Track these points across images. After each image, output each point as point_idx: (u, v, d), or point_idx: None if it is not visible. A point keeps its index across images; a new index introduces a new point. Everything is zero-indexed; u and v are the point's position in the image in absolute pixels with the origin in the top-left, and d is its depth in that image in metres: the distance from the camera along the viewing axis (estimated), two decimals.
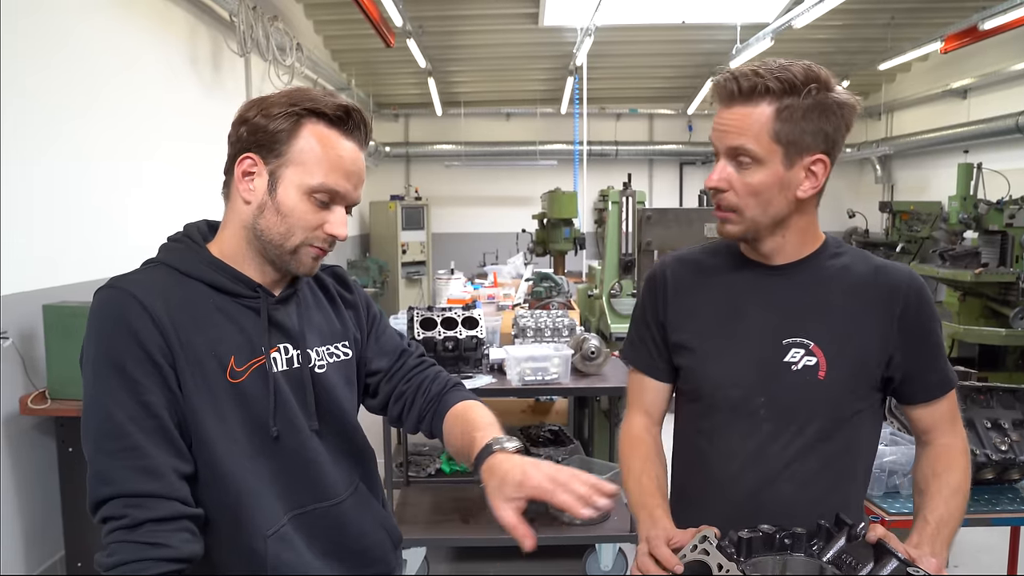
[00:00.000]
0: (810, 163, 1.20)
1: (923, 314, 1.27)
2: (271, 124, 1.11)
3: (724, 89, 1.20)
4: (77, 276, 3.27)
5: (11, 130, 2.89)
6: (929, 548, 1.17)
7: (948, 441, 1.32)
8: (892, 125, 9.34)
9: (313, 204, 1.12)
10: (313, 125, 1.12)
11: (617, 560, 3.17)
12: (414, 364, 1.38)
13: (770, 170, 1.19)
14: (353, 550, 1.24)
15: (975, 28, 6.01)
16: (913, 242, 7.73)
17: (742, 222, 1.24)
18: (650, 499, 1.30)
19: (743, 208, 1.22)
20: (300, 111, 1.11)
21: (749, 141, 1.18)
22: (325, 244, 1.16)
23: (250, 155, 1.13)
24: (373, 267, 9.10)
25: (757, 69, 1.17)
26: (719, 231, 1.29)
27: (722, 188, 1.23)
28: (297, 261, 1.15)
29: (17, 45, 2.94)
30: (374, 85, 9.53)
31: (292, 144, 1.11)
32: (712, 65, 8.68)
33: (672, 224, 3.13)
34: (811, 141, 1.18)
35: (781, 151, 1.18)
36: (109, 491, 1.00)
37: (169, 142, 4.24)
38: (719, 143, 1.23)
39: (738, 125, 1.18)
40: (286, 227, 1.12)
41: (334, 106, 1.12)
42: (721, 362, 1.31)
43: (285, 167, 1.11)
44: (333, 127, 1.13)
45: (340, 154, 1.12)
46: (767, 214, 1.23)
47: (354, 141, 1.15)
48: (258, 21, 4.90)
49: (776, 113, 1.16)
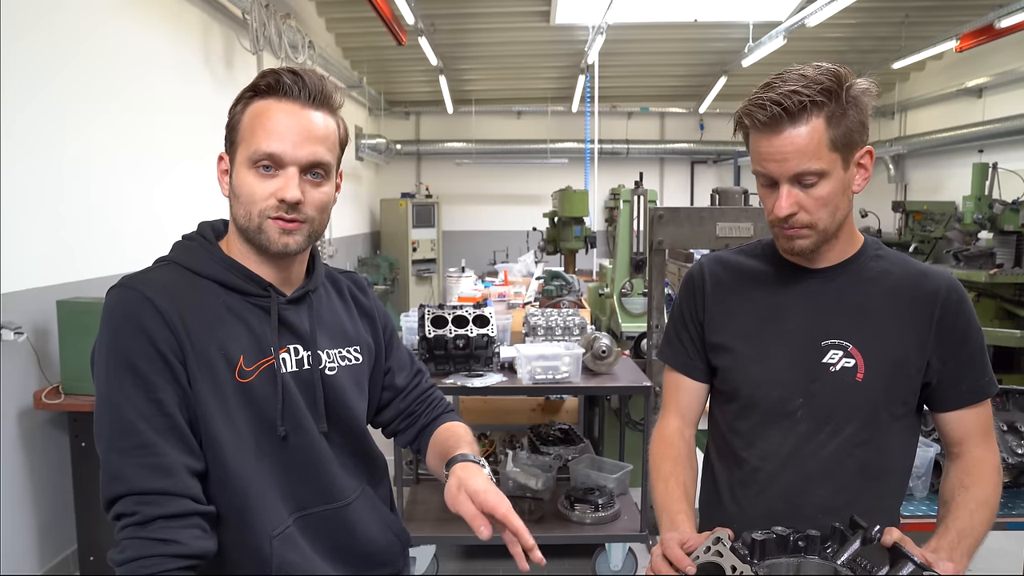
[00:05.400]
0: (859, 157, 1.21)
1: (961, 320, 1.26)
2: (230, 119, 1.15)
3: (768, 116, 1.15)
4: (91, 272, 3.29)
5: (27, 127, 2.91)
6: (947, 555, 1.14)
7: (980, 455, 1.29)
8: (906, 124, 9.26)
9: (259, 175, 1.11)
10: (255, 103, 1.13)
11: (627, 560, 3.16)
12: (428, 387, 1.43)
13: (835, 178, 1.19)
14: (360, 552, 1.24)
15: (991, 26, 5.96)
16: (926, 242, 7.67)
17: (815, 235, 1.23)
18: (675, 503, 1.29)
19: (816, 222, 1.22)
20: (247, 95, 1.14)
21: (813, 162, 1.16)
22: (282, 212, 1.11)
23: (222, 154, 1.17)
24: (383, 264, 9.12)
25: (795, 88, 1.14)
26: (787, 249, 1.28)
27: (795, 212, 1.21)
28: (266, 238, 1.13)
29: (37, 44, 2.97)
30: (386, 83, 9.55)
31: (239, 128, 1.14)
32: (724, 64, 8.64)
33: (684, 223, 3.10)
34: (858, 137, 1.19)
35: (840, 157, 1.18)
36: (121, 488, 1.01)
37: (183, 139, 4.27)
38: (780, 171, 1.19)
39: (797, 149, 1.16)
40: (243, 207, 1.12)
41: (267, 74, 1.14)
42: (760, 363, 1.31)
43: (236, 151, 1.14)
44: (268, 97, 1.13)
45: (271, 117, 1.11)
46: (835, 220, 1.23)
47: (292, 101, 1.12)
48: (271, 19, 4.92)
49: (827, 123, 1.15)
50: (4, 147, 2.77)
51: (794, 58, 1.25)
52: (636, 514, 3.12)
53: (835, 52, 8.10)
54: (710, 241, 3.07)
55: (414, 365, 1.43)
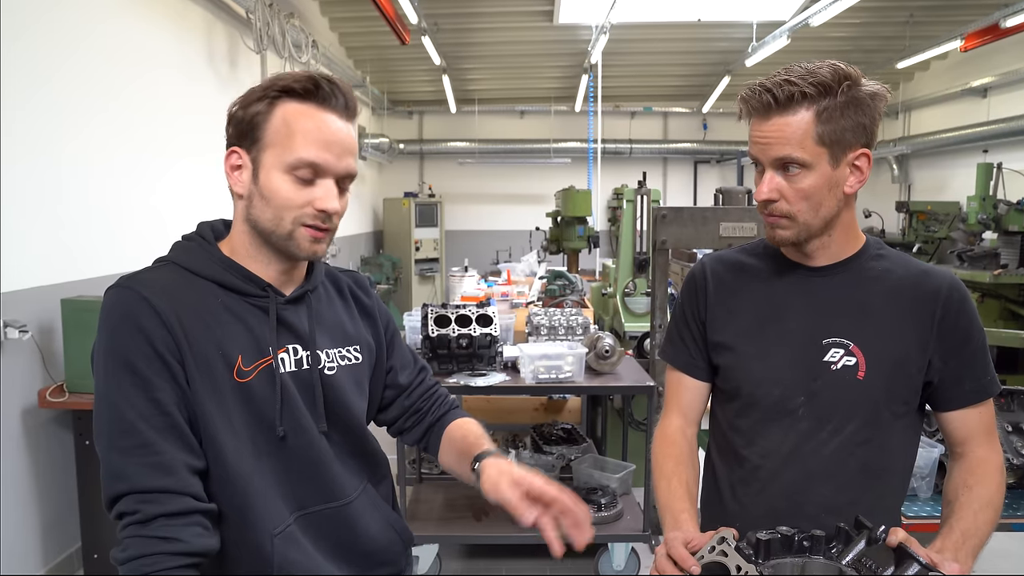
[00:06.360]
0: (854, 158, 1.22)
1: (963, 319, 1.26)
2: (247, 113, 1.11)
3: (759, 102, 1.19)
4: (95, 270, 3.30)
5: (30, 126, 2.92)
6: (952, 555, 1.14)
7: (983, 454, 1.29)
8: (910, 124, 9.25)
9: (296, 182, 1.10)
10: (285, 104, 1.10)
11: (629, 560, 3.16)
12: (432, 384, 1.43)
13: (819, 172, 1.20)
14: (362, 551, 1.24)
15: (996, 26, 5.94)
16: (930, 243, 7.65)
17: (794, 227, 1.25)
18: (677, 502, 1.30)
19: (796, 213, 1.23)
20: (273, 93, 1.10)
21: (795, 150, 1.18)
22: (318, 221, 1.12)
23: (235, 149, 1.13)
24: (386, 264, 9.13)
25: (789, 77, 1.16)
26: (770, 237, 1.30)
27: (773, 199, 1.23)
28: (296, 245, 1.13)
29: (38, 41, 2.97)
30: (389, 82, 9.55)
31: (267, 127, 1.10)
32: (728, 63, 8.63)
33: (687, 223, 3.10)
34: (852, 137, 1.19)
35: (826, 152, 1.19)
36: (122, 487, 1.01)
37: (186, 137, 4.27)
38: (763, 156, 1.22)
39: (781, 135, 1.18)
40: (272, 211, 1.11)
41: (303, 79, 1.11)
42: (761, 361, 1.32)
43: (263, 151, 1.11)
44: (305, 101, 1.11)
45: (314, 125, 1.10)
46: (819, 216, 1.24)
47: (330, 110, 1.12)
48: (274, 18, 4.93)
49: (816, 116, 1.17)
50: (6, 145, 2.77)
51: (798, 58, 1.26)
52: (639, 514, 3.12)
53: (839, 52, 8.08)
54: (713, 241, 3.07)
55: (417, 363, 1.43)
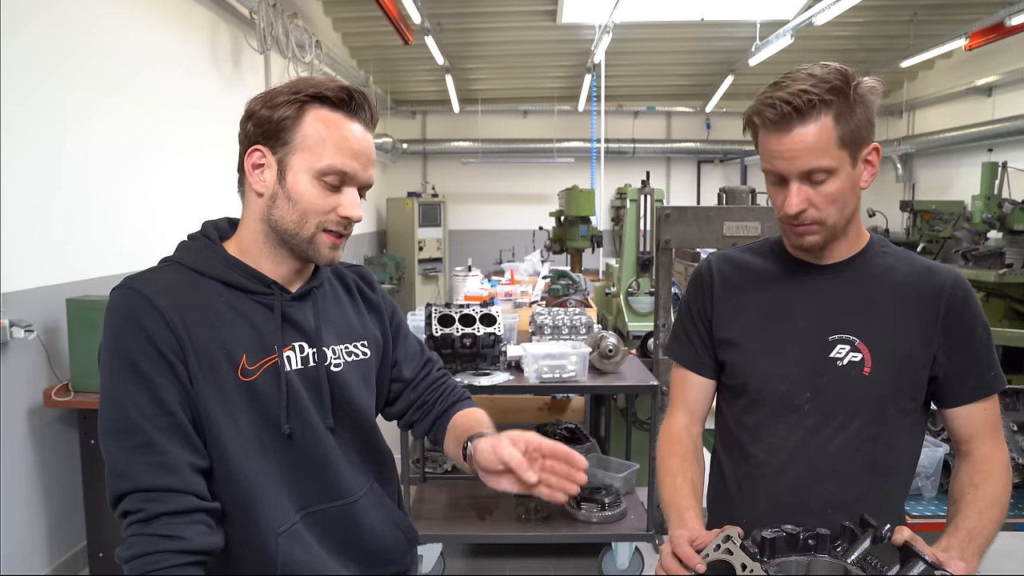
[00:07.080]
0: (867, 154, 1.23)
1: (967, 315, 1.27)
2: (275, 114, 1.12)
3: (777, 115, 1.18)
4: (100, 270, 3.31)
5: (34, 125, 2.93)
6: (958, 554, 1.14)
7: (989, 452, 1.29)
8: (914, 123, 9.22)
9: (323, 188, 1.12)
10: (316, 110, 1.12)
11: (633, 559, 3.16)
12: (439, 375, 1.42)
13: (843, 175, 1.21)
14: (367, 549, 1.24)
15: (1001, 24, 5.93)
16: (934, 242, 7.63)
17: (824, 231, 1.25)
18: (683, 500, 1.30)
19: (826, 219, 1.23)
20: (303, 98, 1.12)
21: (822, 158, 1.18)
22: (340, 227, 1.15)
23: (258, 147, 1.14)
24: (390, 263, 9.14)
25: (804, 87, 1.16)
26: (797, 245, 1.30)
27: (804, 209, 1.23)
28: (315, 249, 1.15)
29: (39, 38, 2.98)
30: (392, 82, 9.56)
31: (297, 131, 1.12)
32: (731, 63, 8.62)
33: (691, 222, 3.10)
34: (865, 134, 1.21)
35: (848, 154, 1.20)
36: (126, 486, 1.02)
37: (190, 137, 4.28)
38: (790, 169, 1.21)
39: (807, 147, 1.18)
40: (298, 214, 1.13)
41: (336, 88, 1.13)
42: (768, 357, 1.32)
43: (292, 154, 1.12)
44: (336, 110, 1.13)
45: (345, 135, 1.12)
46: (844, 216, 1.25)
47: (359, 122, 1.15)
48: (278, 18, 4.93)
49: (835, 121, 1.17)
50: (7, 144, 2.78)
51: (802, 57, 1.27)
52: (643, 513, 3.12)
53: (843, 51, 8.07)
54: (717, 240, 3.06)
55: (423, 355, 1.43)
